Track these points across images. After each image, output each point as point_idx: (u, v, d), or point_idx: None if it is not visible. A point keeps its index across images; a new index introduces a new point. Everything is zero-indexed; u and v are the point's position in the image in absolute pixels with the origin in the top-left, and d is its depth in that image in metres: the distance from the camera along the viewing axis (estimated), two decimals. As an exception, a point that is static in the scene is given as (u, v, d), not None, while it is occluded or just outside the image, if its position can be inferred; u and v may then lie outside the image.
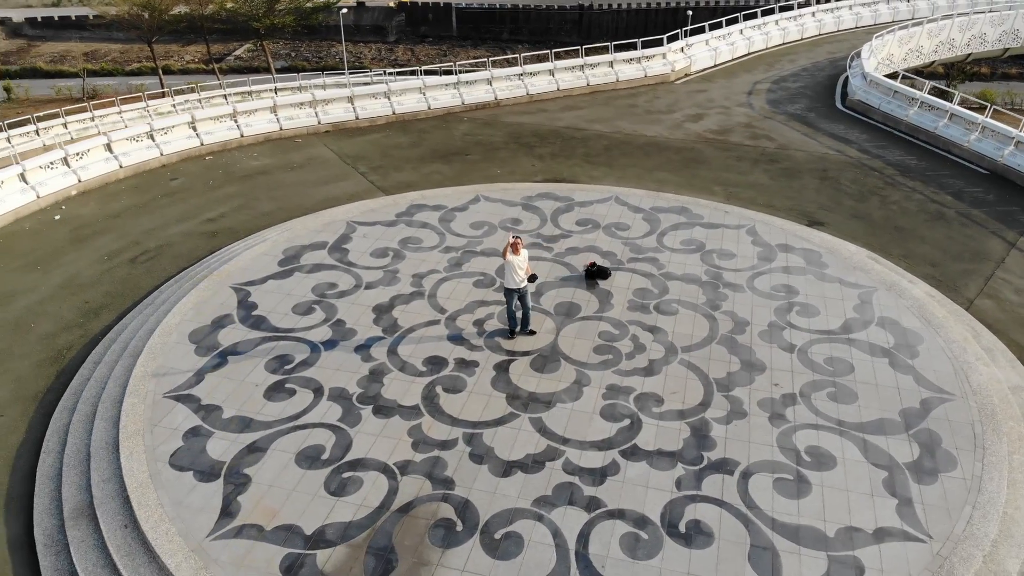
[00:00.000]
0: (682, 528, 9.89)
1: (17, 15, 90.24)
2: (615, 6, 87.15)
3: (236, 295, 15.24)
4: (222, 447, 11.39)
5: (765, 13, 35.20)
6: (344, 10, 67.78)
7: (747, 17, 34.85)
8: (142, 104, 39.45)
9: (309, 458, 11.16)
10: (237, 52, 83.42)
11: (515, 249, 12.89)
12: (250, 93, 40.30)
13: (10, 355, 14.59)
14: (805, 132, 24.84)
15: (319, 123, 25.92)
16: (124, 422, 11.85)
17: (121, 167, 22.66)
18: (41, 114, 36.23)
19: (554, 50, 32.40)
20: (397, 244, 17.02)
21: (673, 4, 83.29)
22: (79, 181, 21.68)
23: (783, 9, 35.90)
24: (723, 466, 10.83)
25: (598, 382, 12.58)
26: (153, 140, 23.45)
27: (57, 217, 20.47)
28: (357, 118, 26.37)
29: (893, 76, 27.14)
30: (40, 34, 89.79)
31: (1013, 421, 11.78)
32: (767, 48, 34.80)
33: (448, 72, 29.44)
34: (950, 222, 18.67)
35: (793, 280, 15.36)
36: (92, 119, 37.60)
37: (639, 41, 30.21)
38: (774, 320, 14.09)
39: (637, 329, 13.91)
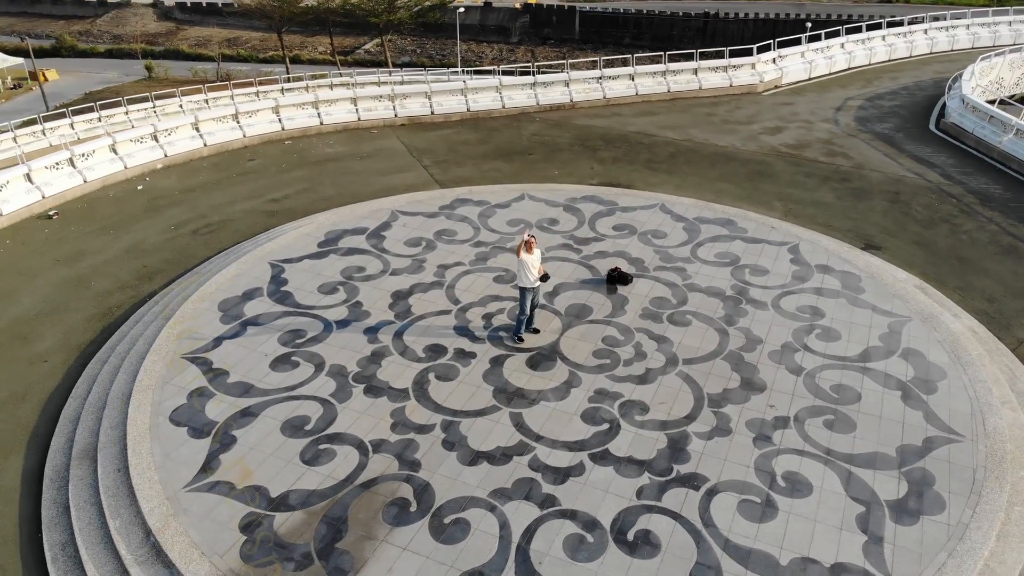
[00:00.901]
0: (630, 536, 9.77)
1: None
2: (741, 15, 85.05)
3: (271, 270, 16.11)
4: (219, 409, 12.14)
5: (871, 28, 33.47)
6: (461, 10, 69.30)
7: (851, 31, 33.30)
8: (253, 89, 42.00)
9: (294, 427, 11.73)
10: (367, 46, 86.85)
11: (529, 248, 13.00)
12: (360, 84, 42.24)
13: (66, 308, 16.02)
14: (887, 152, 23.55)
15: (395, 116, 26.83)
16: (141, 377, 12.82)
17: (205, 145, 24.31)
18: (159, 92, 39.23)
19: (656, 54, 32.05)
20: (432, 235, 17.47)
21: (803, 16, 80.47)
22: (165, 156, 23.42)
23: (892, 24, 34.03)
24: (690, 481, 10.59)
25: (588, 385, 12.53)
26: (237, 122, 25.00)
27: (140, 187, 22.20)
28: (432, 113, 27.12)
29: (992, 102, 25.27)
30: (188, 19, 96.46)
31: (1026, 471, 10.89)
32: (869, 64, 33.11)
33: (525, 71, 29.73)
34: (1022, 256, 17.30)
35: (823, 303, 14.71)
36: (206, 100, 40.36)
37: (727, 50, 29.48)
38: (789, 341, 13.57)
39: (643, 337, 13.74)
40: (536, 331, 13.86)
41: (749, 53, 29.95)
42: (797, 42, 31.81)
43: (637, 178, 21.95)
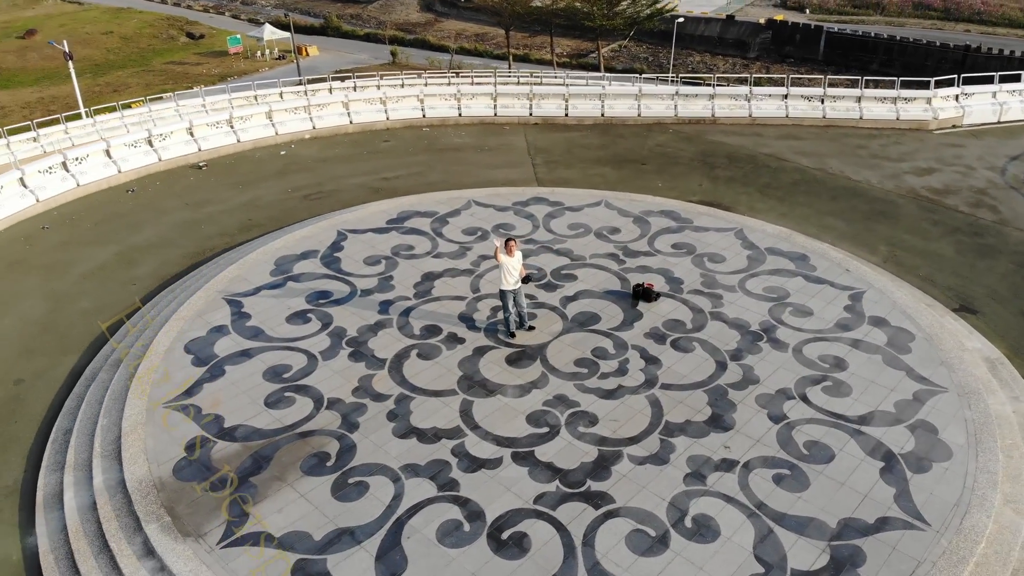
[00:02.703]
0: (504, 535, 9.81)
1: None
2: (1006, 52, 75.83)
3: (335, 237, 17.60)
4: (226, 346, 13.69)
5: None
6: (680, 19, 68.28)
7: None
8: (445, 79, 44.92)
9: (274, 372, 12.97)
10: (601, 51, 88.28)
11: (509, 251, 13.20)
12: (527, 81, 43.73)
13: (173, 244, 18.62)
14: (1049, 211, 20.39)
15: (530, 115, 27.59)
16: (182, 309, 14.76)
17: (351, 123, 26.72)
18: (363, 74, 43.19)
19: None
20: (491, 227, 18.03)
21: (1079, 57, 70.12)
22: (313, 128, 26.07)
23: None
24: (595, 498, 10.35)
25: (552, 389, 12.53)
26: (384, 106, 27.11)
27: (283, 152, 24.92)
28: (567, 115, 27.53)
29: None
30: (446, 12, 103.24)
31: (987, 580, 9.39)
32: (1085, 112, 28.39)
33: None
34: None
35: (852, 356, 13.36)
36: (402, 84, 43.85)
37: (899, 80, 26.83)
38: (788, 387, 12.54)
39: (635, 355, 13.39)
40: (531, 328, 14.01)
41: (926, 86, 27.05)
42: (991, 79, 28.14)
43: (742, 201, 20.92)
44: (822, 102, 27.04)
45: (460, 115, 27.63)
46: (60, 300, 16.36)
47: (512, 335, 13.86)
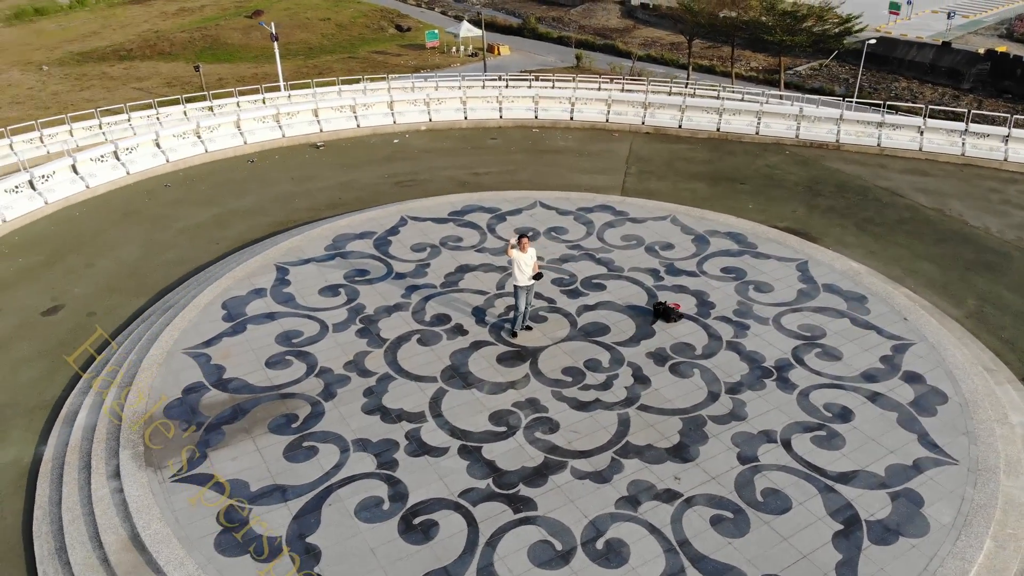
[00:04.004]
0: (416, 521, 10.12)
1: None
2: None
3: (396, 223, 18.52)
4: (257, 307, 14.95)
5: None
6: (873, 40, 63.56)
7: None
8: (604, 80, 45.07)
9: (286, 337, 14.02)
10: (799, 68, 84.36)
11: (522, 247, 13.36)
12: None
13: (265, 213, 20.40)
14: None
15: (642, 123, 27.18)
16: (236, 270, 16.26)
17: (466, 118, 27.70)
18: (513, 77, 44.30)
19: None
20: (544, 229, 18.15)
21: None
22: (430, 120, 27.33)
23: None
24: (518, 502, 10.37)
25: (528, 391, 12.59)
26: (498, 104, 27.87)
27: (395, 141, 26.34)
28: (680, 127, 26.85)
29: None
30: (646, 19, 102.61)
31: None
32: None
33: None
34: None
35: (865, 409, 12.25)
36: (552, 86, 44.57)
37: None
38: (773, 430, 11.76)
39: (626, 372, 13.10)
40: (529, 328, 14.10)
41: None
42: None
43: (832, 233, 19.53)
44: (962, 137, 24.44)
45: (572, 119, 27.78)
46: (153, 249, 18.52)
47: (514, 334, 14.02)
